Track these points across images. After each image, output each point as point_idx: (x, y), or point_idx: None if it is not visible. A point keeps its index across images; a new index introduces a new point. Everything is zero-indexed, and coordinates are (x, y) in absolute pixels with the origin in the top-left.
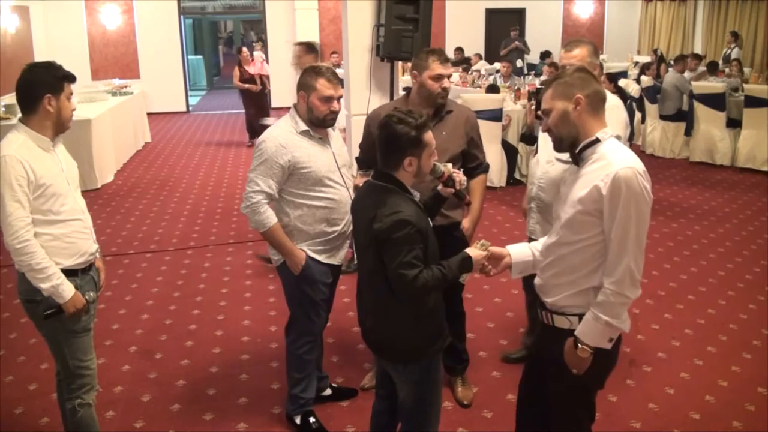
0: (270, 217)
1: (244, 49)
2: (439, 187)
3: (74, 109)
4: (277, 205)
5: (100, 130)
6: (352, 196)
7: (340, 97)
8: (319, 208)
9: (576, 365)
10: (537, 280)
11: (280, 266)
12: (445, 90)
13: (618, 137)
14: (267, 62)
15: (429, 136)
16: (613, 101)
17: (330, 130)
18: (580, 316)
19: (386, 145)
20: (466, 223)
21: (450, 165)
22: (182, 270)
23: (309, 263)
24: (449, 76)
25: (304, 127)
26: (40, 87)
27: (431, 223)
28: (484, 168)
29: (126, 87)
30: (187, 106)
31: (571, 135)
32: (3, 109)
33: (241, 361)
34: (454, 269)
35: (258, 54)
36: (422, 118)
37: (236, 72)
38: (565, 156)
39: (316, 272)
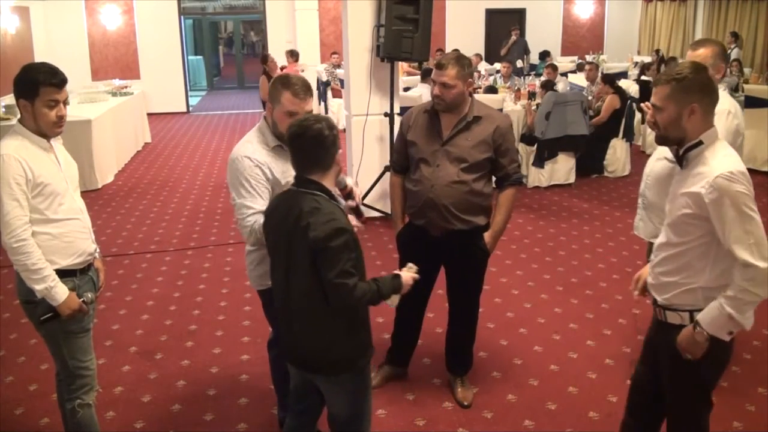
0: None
1: (272, 56)
2: (342, 201)
3: (60, 116)
4: None
5: (101, 131)
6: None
7: (310, 111)
8: None
9: (691, 349)
10: (649, 279)
11: (261, 291)
12: (438, 97)
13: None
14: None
15: None
16: (725, 105)
17: None
18: (691, 312)
19: (314, 146)
20: (486, 237)
21: (350, 180)
22: (182, 270)
23: None
24: (443, 84)
25: (275, 142)
26: (17, 90)
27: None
28: (514, 180)
29: (126, 87)
30: (188, 106)
31: (678, 137)
32: (3, 109)
33: (241, 361)
34: (387, 285)
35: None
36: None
37: (264, 82)
38: (671, 155)
39: None
